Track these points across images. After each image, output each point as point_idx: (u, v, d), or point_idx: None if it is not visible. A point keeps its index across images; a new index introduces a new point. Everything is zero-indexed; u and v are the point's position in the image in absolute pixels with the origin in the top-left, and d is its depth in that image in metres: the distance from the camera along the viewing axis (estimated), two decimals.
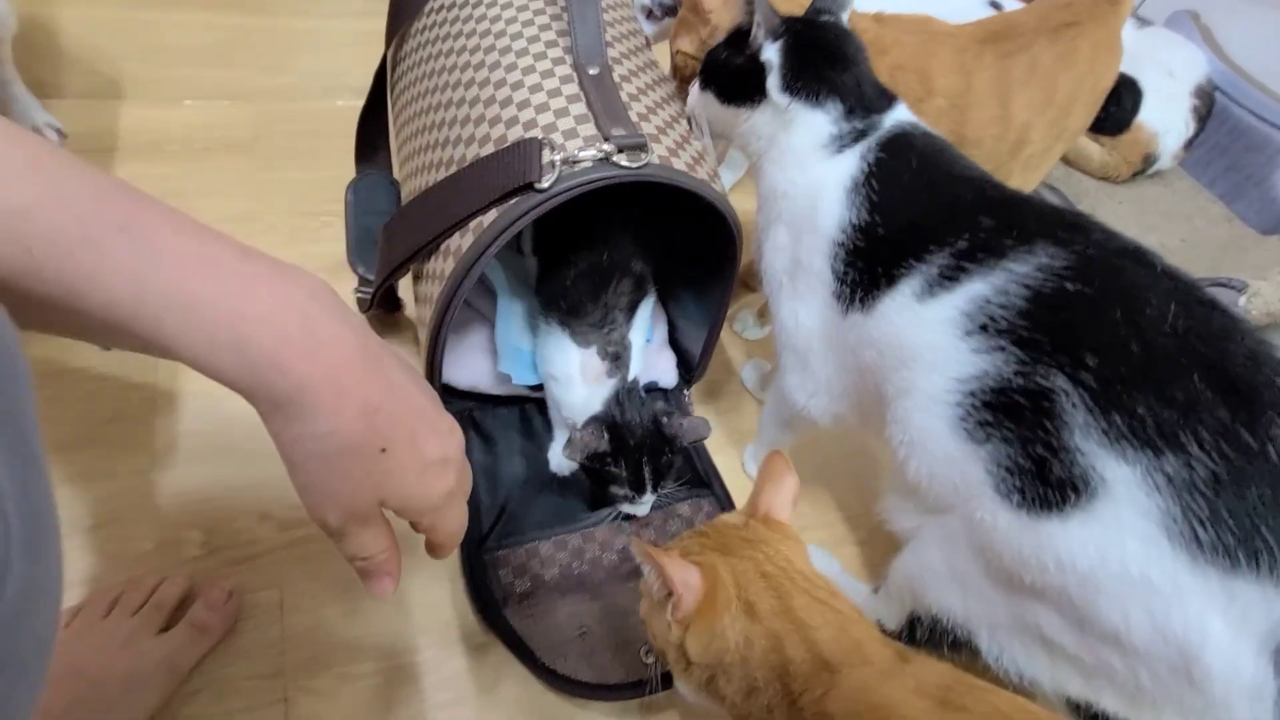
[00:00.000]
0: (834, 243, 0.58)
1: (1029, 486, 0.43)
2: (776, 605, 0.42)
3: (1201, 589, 0.38)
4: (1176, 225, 1.17)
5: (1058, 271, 0.47)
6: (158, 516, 0.65)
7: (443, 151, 0.65)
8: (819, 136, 0.61)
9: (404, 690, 0.61)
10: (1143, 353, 0.43)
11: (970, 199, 0.54)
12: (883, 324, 0.54)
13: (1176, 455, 0.39)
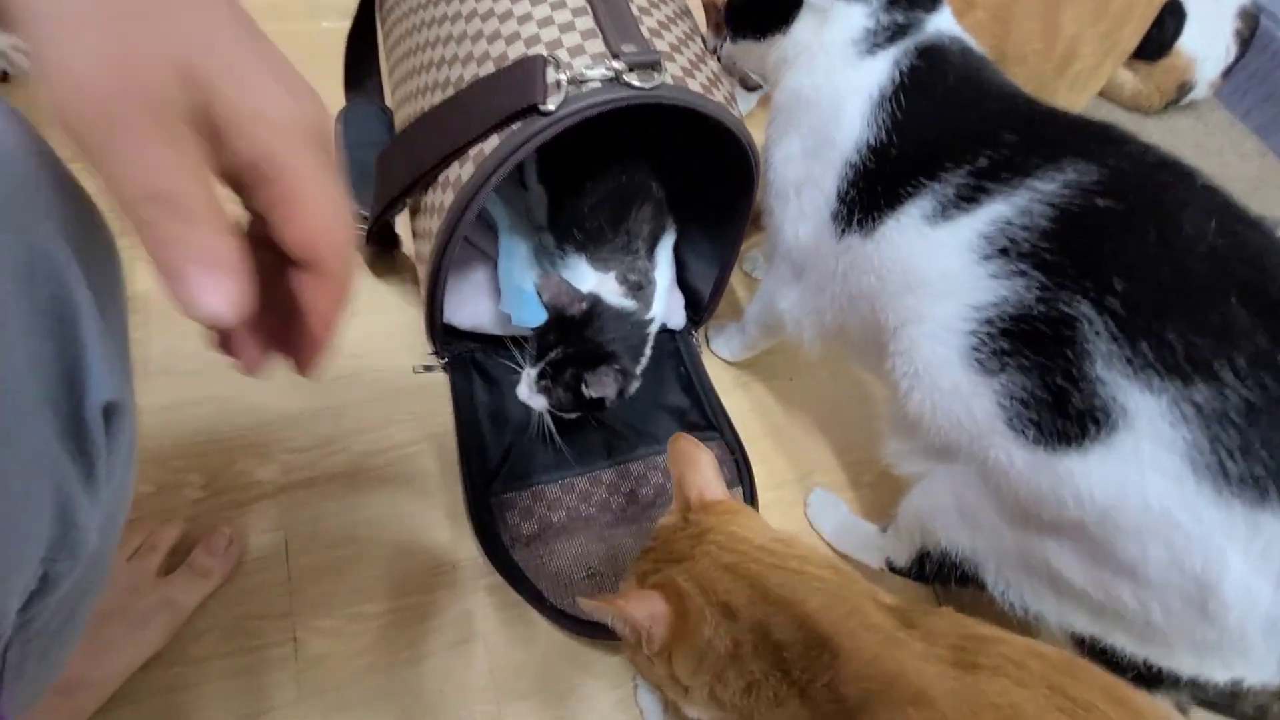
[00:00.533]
0: (847, 163, 0.54)
1: (1045, 420, 0.42)
2: (751, 593, 0.38)
3: (1225, 522, 0.37)
4: (1205, 162, 1.12)
5: (1087, 188, 0.44)
6: (156, 458, 0.64)
7: (439, 72, 0.60)
8: (854, 30, 0.56)
9: (414, 629, 0.61)
10: (1175, 275, 0.40)
11: (995, 114, 0.51)
12: (885, 248, 0.51)
13: (1208, 384, 0.37)
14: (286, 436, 0.68)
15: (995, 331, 0.44)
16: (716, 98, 0.57)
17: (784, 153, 0.60)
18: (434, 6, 0.64)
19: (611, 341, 0.60)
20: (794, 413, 0.84)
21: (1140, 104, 1.13)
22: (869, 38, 0.55)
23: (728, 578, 0.40)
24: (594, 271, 0.62)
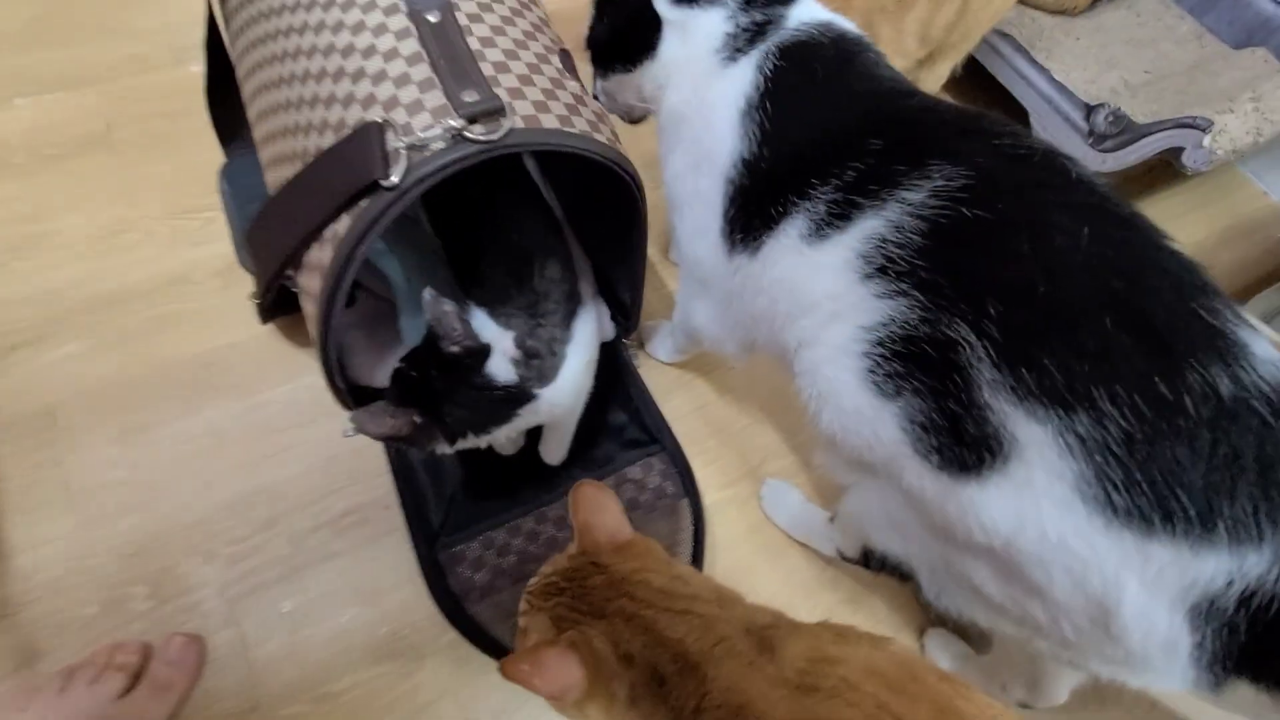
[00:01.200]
0: (726, 179, 0.52)
1: (945, 446, 0.41)
2: (646, 638, 0.40)
3: (1118, 551, 0.36)
4: (1141, 55, 1.07)
5: (954, 195, 0.41)
6: (96, 578, 0.64)
7: (288, 141, 0.56)
8: (716, 37, 0.54)
9: (385, 698, 0.62)
10: (1050, 294, 0.38)
11: (861, 118, 0.48)
12: (770, 268, 0.49)
13: (1088, 413, 0.36)
14: (226, 528, 0.68)
15: (888, 354, 0.43)
16: (578, 126, 0.53)
17: (672, 170, 0.58)
18: (278, 63, 0.60)
19: (444, 398, 0.54)
20: (739, 403, 0.83)
21: (1065, 6, 1.07)
22: (730, 43, 0.51)
23: (630, 629, 0.41)
24: (496, 326, 0.59)
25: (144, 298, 0.78)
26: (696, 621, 0.40)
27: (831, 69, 0.50)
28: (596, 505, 0.48)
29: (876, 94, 0.49)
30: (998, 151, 0.43)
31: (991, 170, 0.42)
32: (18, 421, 0.69)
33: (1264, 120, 0.88)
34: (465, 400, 0.54)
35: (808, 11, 0.53)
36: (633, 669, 0.39)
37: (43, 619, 0.61)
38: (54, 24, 0.97)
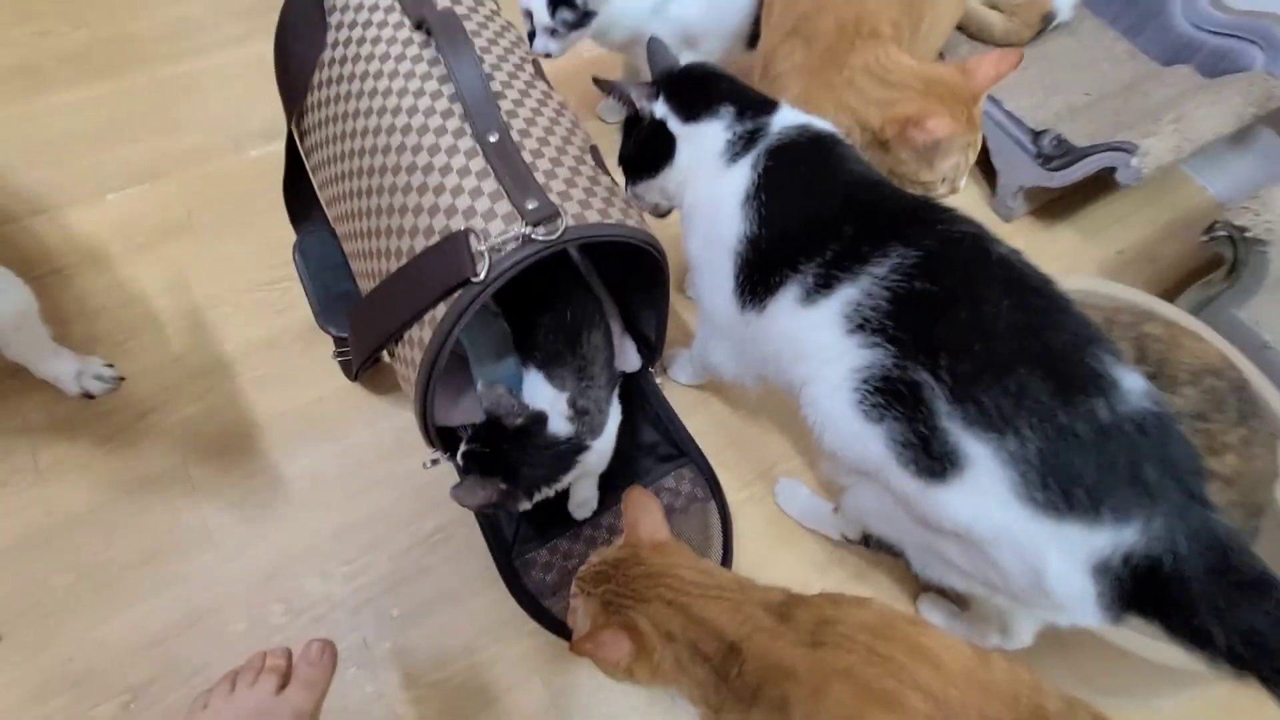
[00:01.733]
0: (734, 252, 0.66)
1: (919, 459, 0.55)
2: (684, 620, 0.52)
3: (1041, 532, 0.51)
4: (1081, 78, 1.20)
5: (908, 271, 0.55)
6: (240, 600, 0.78)
7: (387, 241, 0.70)
8: (719, 145, 0.67)
9: (484, 679, 0.77)
10: (983, 350, 0.52)
11: (837, 208, 0.61)
12: (775, 323, 0.63)
13: (1014, 435, 0.50)
14: (336, 551, 0.82)
15: (872, 389, 0.56)
16: (614, 216, 0.67)
17: (693, 245, 0.72)
18: (361, 177, 0.73)
19: (520, 463, 0.66)
20: (751, 416, 0.97)
21: (1012, 40, 1.20)
22: (730, 149, 0.65)
23: (669, 611, 0.54)
24: (551, 388, 0.73)
25: (241, 362, 0.92)
26: (725, 605, 0.53)
27: (811, 166, 0.64)
28: (642, 508, 0.61)
29: (848, 184, 0.63)
30: (939, 235, 0.57)
31: (935, 251, 0.56)
32: (159, 476, 0.83)
33: (1184, 139, 1.02)
34: (536, 460, 0.68)
35: (788, 117, 0.67)
36: (674, 643, 0.52)
37: (203, 637, 0.76)
38: (125, 124, 1.11)
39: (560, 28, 0.92)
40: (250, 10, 1.26)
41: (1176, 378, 0.83)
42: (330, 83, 0.77)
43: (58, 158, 1.05)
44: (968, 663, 0.48)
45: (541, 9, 0.90)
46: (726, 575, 0.57)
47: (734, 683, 0.50)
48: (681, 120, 0.67)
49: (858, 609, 0.52)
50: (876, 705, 0.44)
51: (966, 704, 0.45)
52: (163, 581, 0.78)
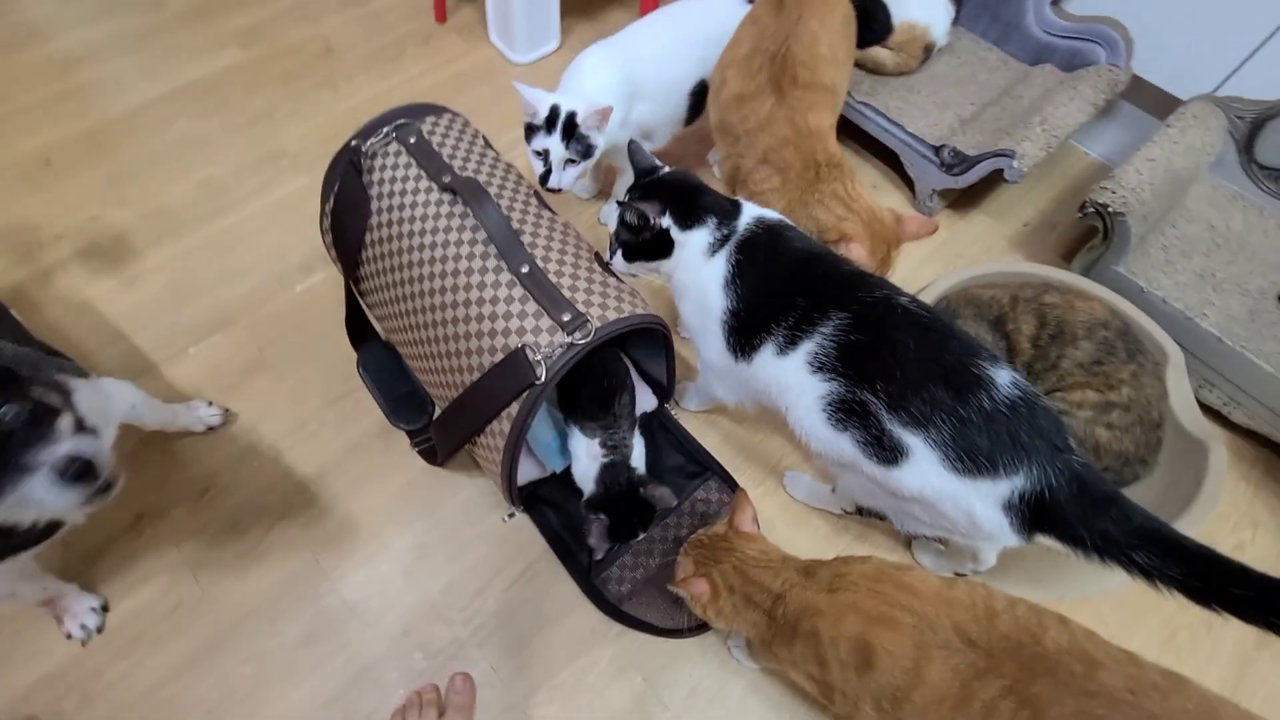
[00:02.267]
0: (721, 322, 0.88)
1: (878, 453, 0.77)
2: (741, 580, 0.78)
3: (967, 489, 0.73)
4: (966, 92, 1.44)
5: (844, 328, 0.78)
6: (387, 653, 0.98)
7: (455, 360, 0.91)
8: (703, 246, 0.89)
9: (590, 677, 0.98)
10: (903, 376, 0.75)
11: (791, 284, 0.83)
12: (760, 370, 0.86)
13: (933, 429, 0.73)
14: (451, 602, 1.03)
15: (835, 409, 0.79)
16: (626, 310, 0.88)
17: (687, 313, 0.94)
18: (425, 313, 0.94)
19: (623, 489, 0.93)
20: (754, 427, 1.19)
21: (904, 70, 1.43)
22: (710, 248, 0.87)
23: (733, 573, 0.79)
24: (585, 438, 0.96)
25: (338, 467, 1.12)
26: (770, 570, 0.78)
27: (768, 252, 0.86)
28: (740, 506, 0.85)
29: (796, 263, 0.85)
30: (860, 300, 0.79)
31: (859, 313, 0.78)
32: (297, 574, 1.03)
33: (1050, 136, 1.26)
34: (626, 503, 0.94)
35: (749, 213, 0.89)
36: (734, 594, 0.77)
37: (367, 688, 0.96)
38: (186, 284, 1.30)
39: (576, 157, 1.13)
40: (262, 162, 1.46)
41: (1075, 335, 1.07)
42: (380, 242, 0.98)
43: (140, 325, 1.24)
44: (936, 587, 0.71)
45: (557, 145, 1.12)
46: (776, 551, 0.82)
47: (779, 622, 0.72)
48: (680, 229, 0.88)
49: (859, 564, 0.74)
50: (877, 624, 0.66)
51: (939, 614, 0.67)
52: (326, 653, 0.98)
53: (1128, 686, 0.61)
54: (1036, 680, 0.62)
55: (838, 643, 0.68)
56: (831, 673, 0.69)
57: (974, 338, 0.78)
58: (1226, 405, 1.18)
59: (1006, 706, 0.61)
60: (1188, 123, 1.24)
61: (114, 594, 1.01)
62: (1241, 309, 1.17)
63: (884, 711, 0.68)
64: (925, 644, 0.65)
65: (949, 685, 0.64)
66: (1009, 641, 0.65)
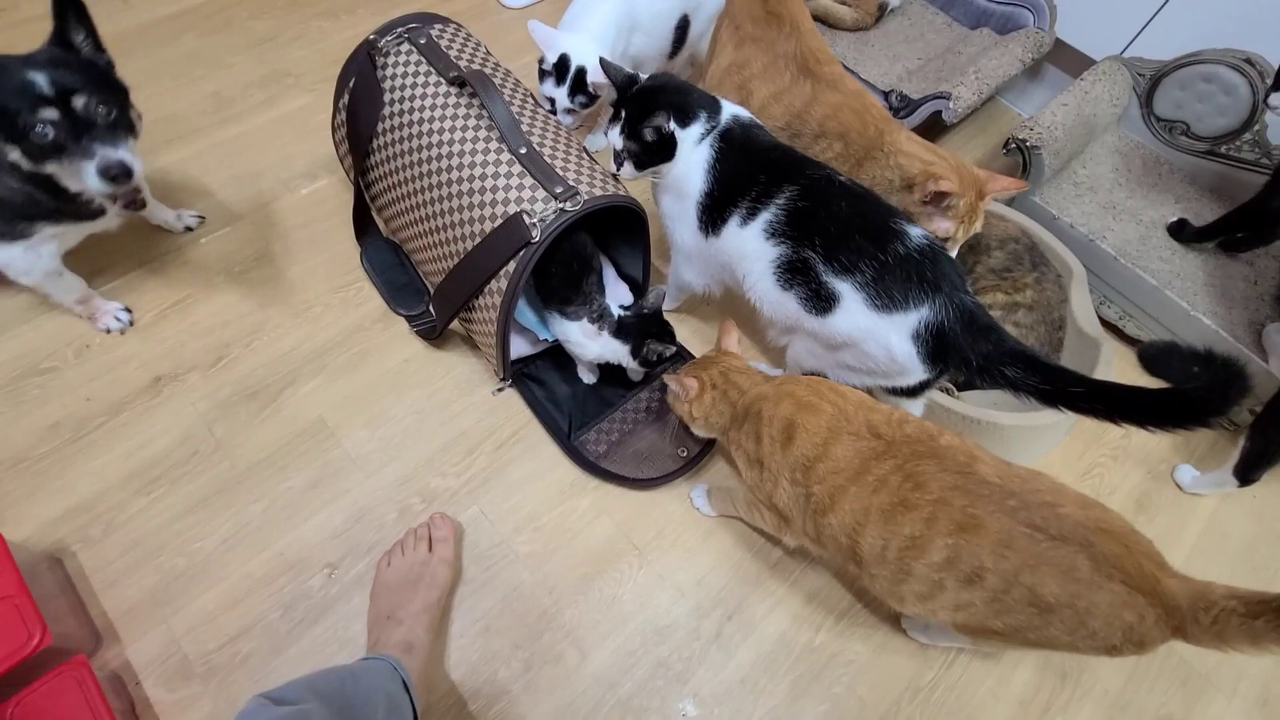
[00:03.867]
0: (697, 203, 1.02)
1: (816, 304, 0.93)
2: (723, 381, 0.94)
3: (885, 324, 0.89)
4: (914, 48, 1.62)
5: (795, 198, 0.93)
6: (388, 499, 1.10)
7: (458, 230, 1.04)
8: (696, 136, 1.02)
9: (569, 521, 1.11)
10: (836, 233, 0.91)
11: (756, 166, 0.98)
12: (726, 242, 1.01)
13: (859, 273, 0.89)
14: (446, 459, 1.15)
15: (782, 269, 0.94)
16: (611, 189, 1.02)
17: (665, 203, 1.09)
18: (432, 190, 1.06)
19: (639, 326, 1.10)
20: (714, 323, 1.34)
21: (861, 25, 1.60)
22: (700, 137, 1.01)
23: (719, 376, 0.94)
24: (569, 322, 1.09)
25: (341, 344, 1.23)
26: (746, 376, 0.93)
27: (741, 142, 1.00)
28: (727, 331, 1.00)
29: (763, 151, 1.00)
30: (808, 176, 0.95)
31: (807, 185, 0.94)
32: (305, 430, 1.14)
33: (982, 84, 1.44)
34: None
35: (729, 110, 1.03)
36: (715, 390, 0.92)
37: (369, 525, 1.08)
38: (198, 183, 1.39)
39: (578, 107, 1.28)
40: (267, 79, 1.56)
41: (989, 246, 1.25)
42: (390, 130, 1.10)
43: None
44: (862, 397, 0.86)
45: (563, 96, 1.26)
46: (749, 366, 0.98)
47: (739, 410, 0.88)
48: (681, 127, 1.01)
49: (806, 378, 0.89)
50: (803, 409, 0.82)
51: (858, 412, 0.83)
52: (331, 496, 1.10)
53: (997, 474, 0.76)
54: (923, 461, 0.77)
55: (774, 420, 0.83)
56: (764, 447, 0.85)
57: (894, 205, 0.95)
58: (1121, 319, 1.38)
59: (894, 479, 0.77)
60: (1098, 77, 1.43)
61: (134, 443, 1.10)
62: (1135, 235, 1.37)
63: (796, 482, 0.83)
64: (838, 429, 0.81)
65: (849, 461, 0.79)
66: (910, 439, 0.80)
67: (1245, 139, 1.37)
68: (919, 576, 0.77)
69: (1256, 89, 1.31)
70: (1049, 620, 0.73)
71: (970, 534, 0.73)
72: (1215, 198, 1.44)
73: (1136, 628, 0.70)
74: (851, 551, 0.81)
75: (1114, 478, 1.26)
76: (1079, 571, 0.70)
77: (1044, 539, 0.71)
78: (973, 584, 0.75)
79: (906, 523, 0.76)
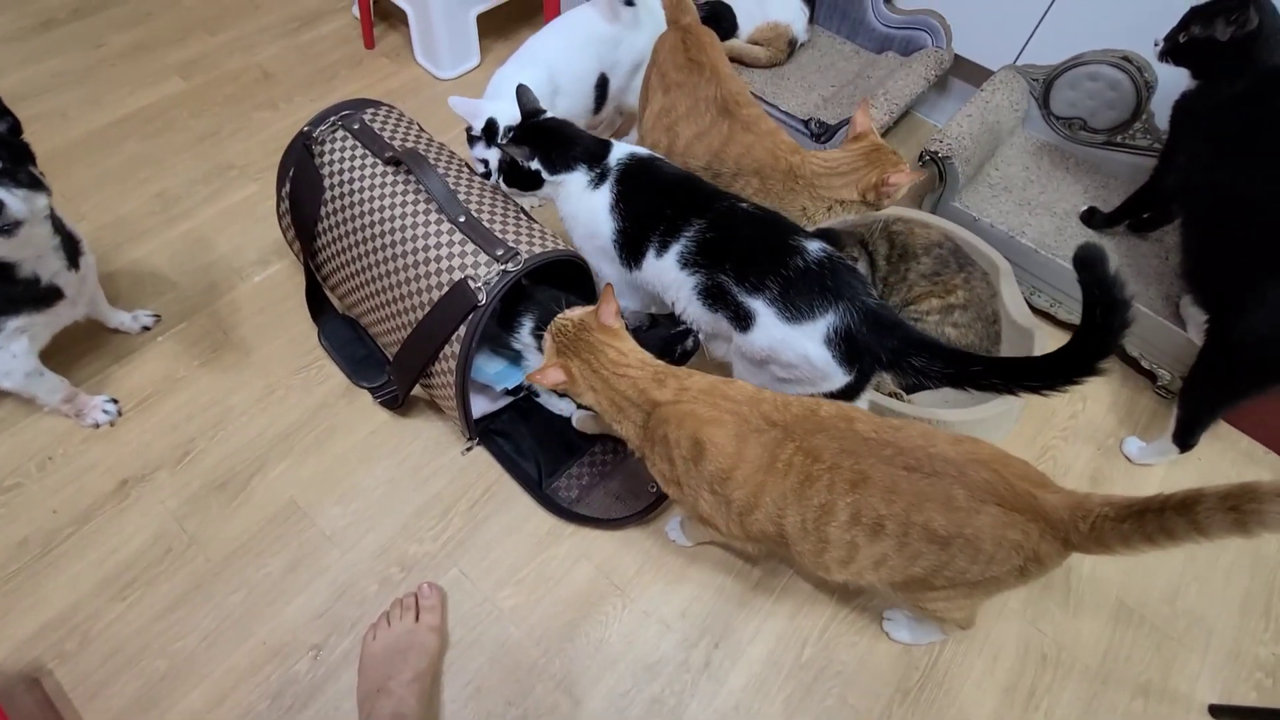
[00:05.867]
0: (612, 240, 1.10)
1: (738, 322, 0.99)
2: (588, 367, 0.90)
3: (797, 333, 0.95)
4: (826, 78, 1.72)
5: (703, 229, 1.01)
6: (367, 572, 1.11)
7: (408, 302, 1.07)
8: (582, 184, 1.10)
9: (551, 569, 1.13)
10: (742, 256, 0.98)
11: (661, 201, 1.06)
12: (647, 273, 1.08)
13: (767, 290, 0.96)
14: (422, 523, 1.17)
15: (704, 293, 1.02)
16: (550, 245, 1.07)
17: (578, 239, 1.16)
18: (378, 266, 1.10)
19: None
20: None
21: (775, 62, 1.70)
22: (592, 183, 1.09)
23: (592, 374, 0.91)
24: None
25: (307, 424, 1.25)
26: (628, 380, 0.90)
27: (642, 179, 1.08)
28: (607, 298, 0.92)
29: (665, 185, 1.07)
30: (714, 208, 1.02)
31: (713, 218, 1.01)
32: (277, 514, 1.15)
33: (892, 104, 1.54)
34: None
35: (621, 151, 1.11)
36: (597, 394, 0.91)
37: (351, 601, 1.08)
38: (152, 282, 1.41)
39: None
40: (211, 174, 1.60)
41: (916, 252, 1.32)
42: (333, 214, 1.15)
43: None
44: (750, 391, 0.89)
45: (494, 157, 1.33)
46: (634, 353, 0.92)
47: (648, 431, 0.90)
48: (549, 173, 1.10)
49: (695, 379, 0.90)
50: (706, 424, 0.85)
51: (751, 410, 0.86)
52: (309, 576, 1.10)
53: (873, 429, 0.82)
54: (815, 436, 0.82)
55: (680, 442, 0.86)
56: (678, 468, 0.88)
57: (794, 222, 1.04)
58: (1052, 306, 1.46)
59: (798, 459, 0.82)
60: (996, 86, 1.54)
61: (106, 549, 1.10)
62: (1052, 227, 1.46)
63: (716, 493, 0.86)
64: (743, 432, 0.85)
65: (761, 457, 0.83)
66: (799, 418, 0.85)
67: (1136, 128, 1.48)
68: (835, 541, 0.82)
69: (1138, 83, 1.42)
70: (952, 554, 0.78)
71: (862, 488, 0.79)
72: (1120, 184, 1.54)
73: (1024, 544, 0.75)
74: (779, 536, 0.86)
75: (1067, 457, 1.32)
76: (957, 500, 0.76)
77: (920, 477, 0.77)
78: (878, 535, 0.80)
79: (813, 494, 0.81)
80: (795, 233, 0.99)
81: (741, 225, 1.00)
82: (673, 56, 1.31)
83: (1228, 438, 1.36)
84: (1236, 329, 1.10)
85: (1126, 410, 1.39)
